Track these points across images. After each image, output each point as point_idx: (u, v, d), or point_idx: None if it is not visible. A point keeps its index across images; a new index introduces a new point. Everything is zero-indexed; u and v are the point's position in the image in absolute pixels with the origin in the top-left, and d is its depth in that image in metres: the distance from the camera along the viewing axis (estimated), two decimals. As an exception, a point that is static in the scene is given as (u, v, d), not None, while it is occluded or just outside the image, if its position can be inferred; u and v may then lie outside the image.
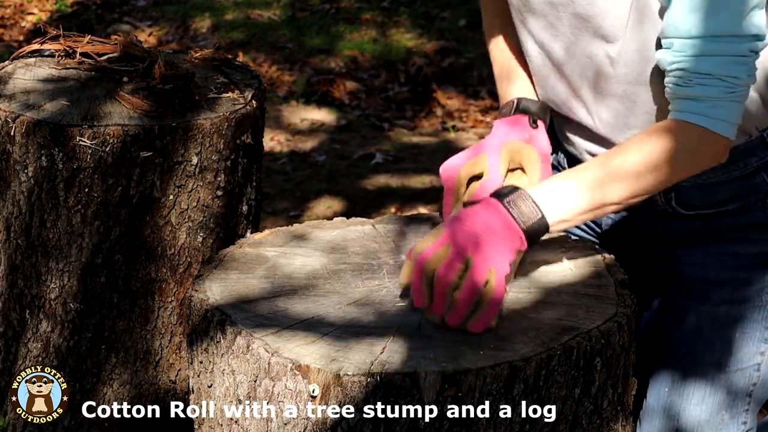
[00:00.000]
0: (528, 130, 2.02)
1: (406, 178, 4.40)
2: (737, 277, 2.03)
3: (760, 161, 1.98)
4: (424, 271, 1.71)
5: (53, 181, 2.21)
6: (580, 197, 1.77)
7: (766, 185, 2.00)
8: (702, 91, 1.78)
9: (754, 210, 2.01)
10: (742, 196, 2.00)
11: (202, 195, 2.28)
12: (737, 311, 2.04)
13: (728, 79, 1.78)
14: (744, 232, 2.02)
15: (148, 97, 2.26)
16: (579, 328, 1.73)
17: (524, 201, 1.74)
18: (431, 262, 1.70)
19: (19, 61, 2.45)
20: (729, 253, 2.03)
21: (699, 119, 1.79)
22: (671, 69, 1.80)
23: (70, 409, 2.26)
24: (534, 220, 1.73)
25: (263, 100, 2.39)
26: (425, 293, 1.71)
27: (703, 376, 2.06)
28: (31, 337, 2.32)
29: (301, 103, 5.15)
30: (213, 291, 1.82)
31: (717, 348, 2.04)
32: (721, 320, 2.04)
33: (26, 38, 5.69)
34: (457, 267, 1.69)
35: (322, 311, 1.78)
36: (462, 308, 1.69)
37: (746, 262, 2.03)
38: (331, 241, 1.98)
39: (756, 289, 2.03)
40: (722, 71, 1.78)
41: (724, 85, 1.78)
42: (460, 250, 1.69)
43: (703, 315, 2.04)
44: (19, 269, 2.30)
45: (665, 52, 1.81)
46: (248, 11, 5.95)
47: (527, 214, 1.73)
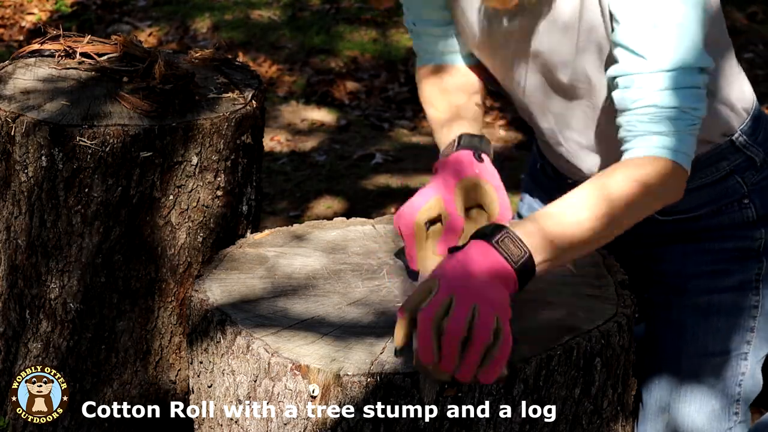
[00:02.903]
0: (475, 164, 1.95)
1: (406, 178, 4.40)
2: (715, 269, 2.04)
3: (731, 164, 2.00)
4: (433, 326, 1.58)
5: (53, 181, 2.21)
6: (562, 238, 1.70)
7: (739, 187, 2.02)
8: (669, 125, 1.76)
9: (730, 211, 2.03)
10: (716, 199, 2.02)
11: (202, 195, 2.28)
12: (719, 301, 2.04)
13: (691, 111, 1.76)
14: (720, 231, 2.03)
15: (148, 97, 2.26)
16: (579, 328, 1.73)
17: (512, 240, 1.65)
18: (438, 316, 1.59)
19: (19, 61, 2.45)
20: (705, 250, 2.04)
21: (668, 153, 1.75)
22: (637, 106, 1.77)
23: (70, 409, 2.26)
24: (524, 259, 1.65)
25: (263, 100, 2.39)
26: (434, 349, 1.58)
27: (690, 368, 2.07)
28: (31, 337, 2.32)
29: (301, 103, 5.15)
30: (213, 291, 1.82)
31: (701, 339, 2.05)
32: (703, 311, 2.05)
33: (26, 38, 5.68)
34: (464, 318, 1.58)
35: (322, 311, 1.78)
36: (473, 362, 1.58)
37: (724, 256, 2.03)
38: (331, 241, 1.98)
39: (735, 279, 2.04)
40: (686, 104, 1.76)
41: (687, 117, 1.76)
42: (464, 300, 1.59)
43: (684, 308, 2.05)
44: (19, 269, 2.30)
45: (625, 92, 1.78)
46: (248, 11, 5.95)
47: (516, 253, 1.64)
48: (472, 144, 1.97)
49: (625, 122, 1.78)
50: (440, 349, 1.58)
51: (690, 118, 1.76)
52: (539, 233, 1.67)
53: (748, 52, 5.46)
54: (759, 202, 2.03)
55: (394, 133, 4.91)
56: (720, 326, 2.05)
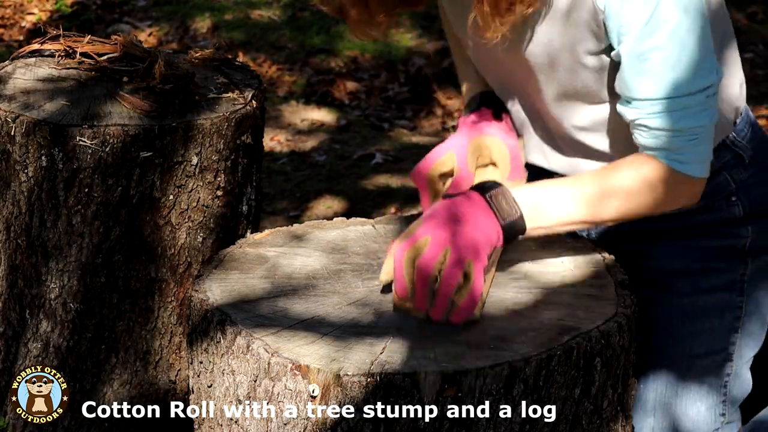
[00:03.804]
0: (494, 123, 2.02)
1: (406, 178, 4.40)
2: (703, 267, 2.04)
3: (721, 161, 2.00)
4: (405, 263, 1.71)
5: (53, 181, 2.21)
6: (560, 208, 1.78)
7: (728, 183, 2.02)
8: (668, 143, 1.78)
9: (719, 209, 2.03)
10: (705, 196, 2.01)
11: (202, 195, 2.28)
12: (704, 301, 2.05)
13: (691, 129, 1.78)
14: (707, 228, 2.03)
15: (148, 97, 2.26)
16: (579, 328, 1.73)
17: (505, 198, 1.75)
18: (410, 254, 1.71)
19: (19, 61, 2.45)
20: (693, 247, 2.04)
21: (673, 164, 1.79)
22: (634, 124, 1.81)
23: (70, 409, 2.26)
24: (513, 218, 1.74)
25: (263, 100, 2.39)
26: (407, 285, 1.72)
27: (675, 368, 2.07)
28: (31, 337, 2.32)
29: (301, 103, 5.15)
30: (213, 291, 1.82)
31: (686, 339, 2.05)
32: (688, 311, 2.05)
33: (26, 38, 5.68)
34: (435, 259, 1.69)
35: (322, 311, 1.78)
36: (442, 302, 1.70)
37: (711, 254, 2.04)
38: (331, 241, 1.98)
39: (722, 279, 2.04)
40: (685, 124, 1.77)
41: (688, 135, 1.78)
42: (438, 241, 1.70)
43: (671, 307, 2.06)
44: (19, 269, 2.30)
45: (625, 107, 1.81)
46: (248, 11, 5.95)
47: (507, 210, 1.74)
48: (492, 102, 2.04)
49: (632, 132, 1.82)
50: None
51: (692, 134, 1.78)
52: (535, 200, 1.76)
53: (748, 52, 5.46)
54: (746, 200, 2.04)
55: (394, 133, 4.91)
56: (705, 327, 2.05)
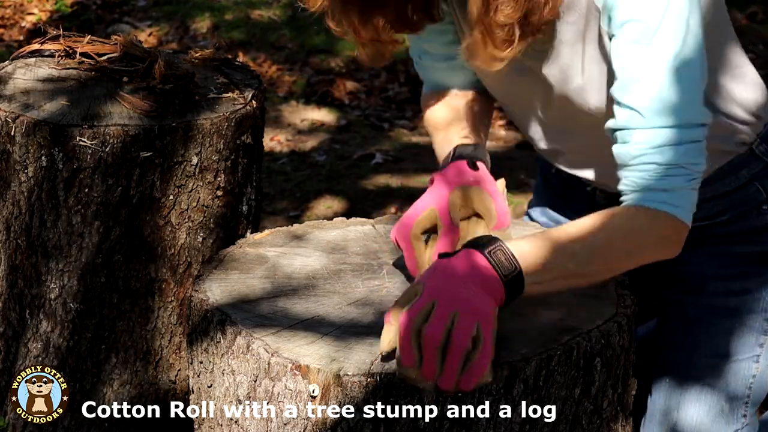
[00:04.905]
0: (470, 173, 1.94)
1: (406, 178, 4.41)
2: (734, 272, 2.05)
3: (751, 172, 2.01)
4: (412, 331, 1.59)
5: (53, 181, 2.21)
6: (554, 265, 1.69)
7: (759, 194, 2.03)
8: (671, 182, 1.74)
9: (749, 218, 2.04)
10: (736, 206, 2.02)
11: (202, 195, 2.28)
12: (735, 303, 2.05)
13: (690, 166, 1.75)
14: (739, 236, 2.04)
15: (148, 97, 2.26)
16: (579, 328, 1.73)
17: (504, 253, 1.65)
18: (418, 321, 1.59)
19: (19, 61, 2.45)
20: (725, 254, 2.05)
21: (670, 209, 1.75)
22: (636, 163, 1.76)
23: (70, 409, 2.26)
24: (513, 275, 1.65)
25: (263, 100, 2.39)
26: (414, 354, 1.59)
27: (701, 367, 2.07)
28: (31, 337, 2.32)
29: (301, 103, 5.15)
30: (213, 291, 1.82)
31: (715, 338, 2.06)
32: (719, 311, 2.06)
33: (26, 38, 5.68)
34: (443, 324, 1.58)
35: (322, 311, 1.78)
36: (453, 369, 1.59)
37: (742, 260, 2.05)
38: (331, 241, 1.98)
39: (753, 282, 2.05)
40: (685, 160, 1.74)
41: (687, 173, 1.75)
42: (445, 306, 1.59)
43: (701, 307, 2.06)
44: (19, 269, 2.30)
45: (623, 147, 1.76)
46: (248, 11, 5.95)
47: (507, 267, 1.65)
48: (466, 153, 1.97)
49: (625, 177, 1.77)
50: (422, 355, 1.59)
51: (690, 173, 1.75)
52: (532, 255, 1.67)
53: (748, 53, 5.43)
54: None
55: (394, 133, 4.92)
56: (734, 328, 2.06)
